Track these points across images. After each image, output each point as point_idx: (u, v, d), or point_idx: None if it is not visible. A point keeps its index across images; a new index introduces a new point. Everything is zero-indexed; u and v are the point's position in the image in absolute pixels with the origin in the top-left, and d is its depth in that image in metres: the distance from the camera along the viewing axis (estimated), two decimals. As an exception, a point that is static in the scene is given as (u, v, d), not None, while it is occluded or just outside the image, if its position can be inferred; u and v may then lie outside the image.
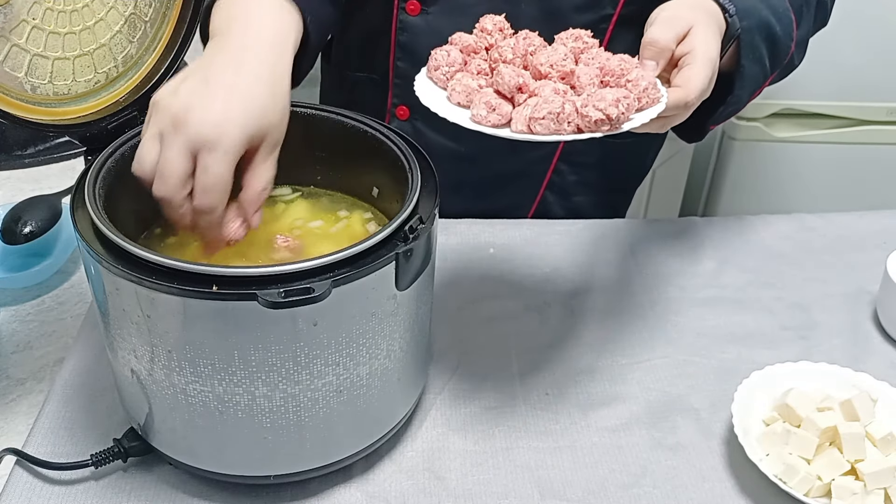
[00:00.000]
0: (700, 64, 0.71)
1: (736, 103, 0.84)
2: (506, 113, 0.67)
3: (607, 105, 0.63)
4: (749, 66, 0.81)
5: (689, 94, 0.70)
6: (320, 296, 0.59)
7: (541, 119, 0.64)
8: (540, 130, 0.65)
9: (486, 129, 0.66)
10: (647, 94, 0.67)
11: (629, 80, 0.67)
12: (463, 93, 0.69)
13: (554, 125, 0.64)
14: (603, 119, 0.64)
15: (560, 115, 0.64)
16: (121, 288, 0.63)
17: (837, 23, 1.05)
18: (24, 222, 0.84)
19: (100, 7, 0.73)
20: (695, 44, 0.72)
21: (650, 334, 0.91)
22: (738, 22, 0.78)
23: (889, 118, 1.76)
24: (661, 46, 0.71)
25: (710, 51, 0.72)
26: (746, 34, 0.80)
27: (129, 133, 0.74)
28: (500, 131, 0.66)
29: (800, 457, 0.73)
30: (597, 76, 0.68)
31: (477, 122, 0.67)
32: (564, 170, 1.10)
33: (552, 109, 0.64)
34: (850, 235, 1.07)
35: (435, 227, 0.68)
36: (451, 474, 0.75)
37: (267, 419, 0.66)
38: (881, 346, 0.91)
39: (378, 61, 1.05)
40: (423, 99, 0.69)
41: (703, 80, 0.71)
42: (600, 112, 0.63)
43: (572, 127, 0.65)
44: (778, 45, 0.86)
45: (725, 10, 0.78)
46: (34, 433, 0.77)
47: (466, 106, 0.69)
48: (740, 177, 1.85)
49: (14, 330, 0.90)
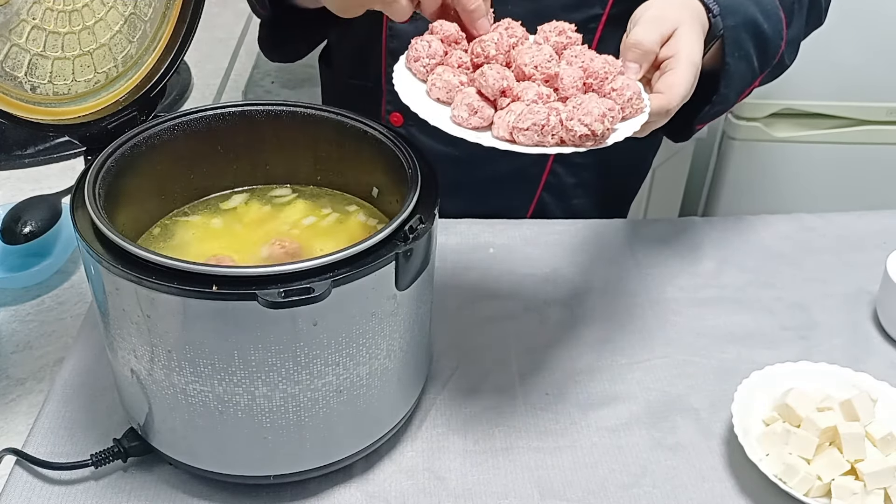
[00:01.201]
0: (683, 69, 0.70)
1: (723, 102, 0.83)
2: (487, 116, 0.66)
3: (593, 120, 0.63)
4: (734, 64, 0.81)
5: (671, 101, 0.69)
6: (320, 296, 0.59)
7: (524, 130, 0.63)
8: (523, 141, 0.64)
9: (468, 134, 0.66)
10: (630, 104, 0.67)
11: (614, 89, 0.67)
12: (443, 89, 0.68)
13: (538, 137, 0.63)
14: (588, 135, 0.63)
15: (545, 128, 0.63)
16: (120, 288, 0.63)
17: (837, 23, 1.06)
18: (24, 222, 0.84)
19: (99, 7, 0.73)
20: (679, 47, 0.71)
21: (650, 334, 0.91)
22: (721, 22, 0.77)
23: (889, 118, 1.76)
24: (645, 49, 0.70)
25: (693, 54, 0.71)
26: (732, 31, 0.79)
27: (129, 133, 0.75)
28: (482, 136, 0.66)
29: (800, 457, 0.73)
30: (580, 78, 0.67)
31: (458, 125, 0.66)
32: (560, 172, 1.10)
33: (537, 121, 0.63)
34: (850, 235, 1.07)
35: (435, 227, 0.68)
36: (451, 474, 0.75)
37: (267, 419, 0.66)
38: (881, 346, 0.91)
39: (371, 68, 1.05)
40: (403, 95, 0.68)
41: (686, 86, 0.70)
42: (585, 127, 0.63)
43: (556, 139, 0.64)
44: (767, 43, 0.85)
45: (709, 9, 0.77)
46: (34, 433, 0.77)
47: (446, 102, 0.68)
48: (740, 177, 1.85)
49: (14, 330, 0.90)
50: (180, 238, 0.78)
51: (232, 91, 1.44)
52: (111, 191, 0.70)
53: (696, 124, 0.85)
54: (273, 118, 0.80)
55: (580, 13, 0.96)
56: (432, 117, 0.67)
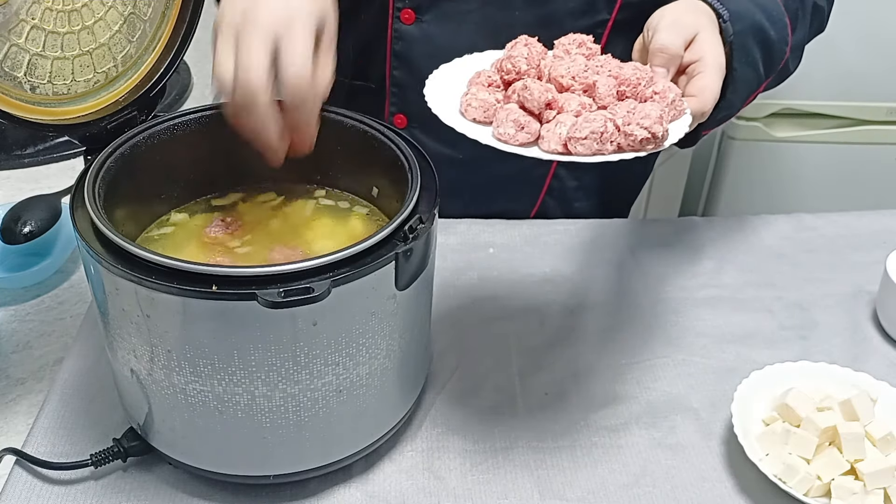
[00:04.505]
0: (712, 72, 0.70)
1: (729, 108, 0.83)
2: (534, 131, 0.65)
3: (652, 122, 0.62)
4: (741, 70, 0.81)
5: (706, 104, 0.69)
6: (320, 296, 0.59)
7: (583, 139, 0.62)
8: (581, 150, 0.63)
9: (515, 149, 0.64)
10: (674, 107, 0.66)
11: (656, 92, 0.66)
12: (480, 108, 0.67)
13: (597, 145, 0.62)
14: (648, 138, 0.62)
15: (603, 135, 0.62)
16: (120, 288, 0.63)
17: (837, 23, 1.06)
18: (24, 222, 0.84)
19: (99, 7, 0.73)
20: (704, 50, 0.71)
21: (650, 334, 0.91)
22: (731, 28, 0.78)
23: (889, 118, 1.77)
24: (671, 53, 0.70)
25: (718, 57, 0.72)
26: (739, 37, 0.79)
27: (129, 133, 0.75)
28: (529, 150, 0.64)
29: (799, 457, 0.73)
30: (614, 86, 0.67)
31: (504, 141, 0.65)
32: (564, 175, 1.10)
33: (595, 129, 0.62)
34: (850, 235, 1.07)
35: (435, 227, 0.68)
36: (451, 474, 0.75)
37: (266, 419, 0.66)
38: (881, 346, 0.91)
39: (374, 70, 1.05)
40: (442, 116, 0.67)
41: (716, 88, 0.70)
42: (646, 130, 0.62)
43: (614, 146, 0.63)
44: (772, 49, 0.85)
45: (720, 15, 0.77)
46: (34, 433, 0.77)
47: (483, 121, 0.67)
48: (740, 177, 1.85)
49: (14, 330, 0.90)
50: (180, 238, 0.78)
51: (232, 91, 1.44)
52: (111, 191, 0.70)
53: (703, 130, 0.85)
54: (273, 118, 0.80)
55: (587, 19, 0.96)
56: (477, 135, 0.65)
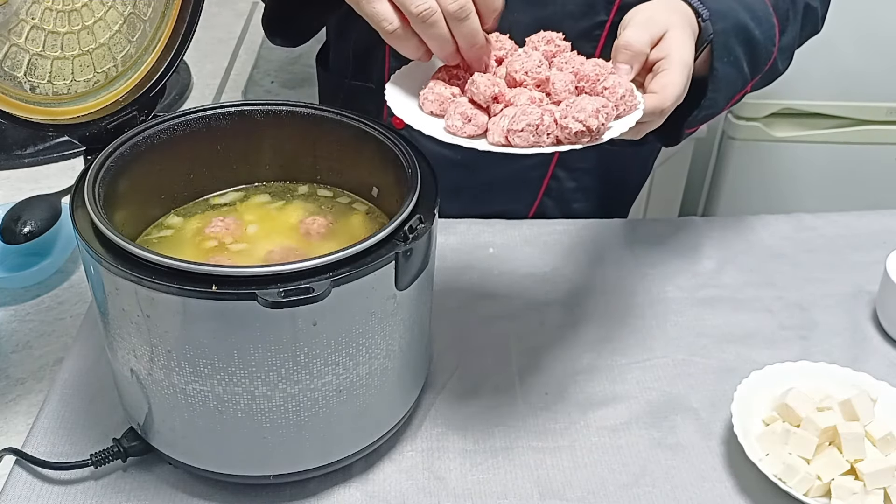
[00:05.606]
0: (676, 69, 0.70)
1: (711, 107, 0.83)
2: (482, 123, 0.66)
3: (587, 116, 0.63)
4: (723, 69, 0.81)
5: (665, 101, 0.69)
6: (320, 296, 0.59)
7: (519, 131, 0.63)
8: (518, 143, 0.64)
9: (463, 141, 0.66)
10: (624, 102, 0.66)
11: (606, 87, 0.66)
12: (436, 101, 0.68)
13: (533, 137, 0.63)
14: (583, 131, 0.63)
15: (539, 127, 0.63)
16: (120, 288, 0.63)
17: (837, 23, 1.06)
18: (24, 222, 0.84)
19: (99, 7, 0.73)
20: (671, 48, 0.71)
21: (650, 334, 0.91)
22: (710, 27, 0.78)
23: (889, 118, 1.77)
24: (635, 50, 0.70)
25: (685, 55, 0.71)
26: (720, 36, 0.79)
27: (129, 133, 0.74)
28: (477, 143, 0.66)
29: (799, 456, 0.73)
30: (571, 82, 0.67)
31: (452, 133, 0.66)
32: (562, 176, 1.10)
33: (531, 121, 0.63)
34: (850, 235, 1.07)
35: (435, 227, 0.68)
36: (451, 474, 0.75)
37: (266, 419, 0.66)
38: (881, 346, 0.91)
39: (373, 70, 1.05)
40: (395, 108, 0.68)
41: (679, 86, 0.70)
42: (580, 123, 0.63)
43: (551, 139, 0.64)
44: (757, 49, 0.85)
45: (699, 14, 0.77)
46: (34, 433, 0.77)
47: (439, 115, 0.68)
48: (740, 177, 1.85)
49: (14, 330, 0.90)
50: (180, 237, 0.78)
51: (231, 91, 1.44)
52: (111, 190, 0.70)
53: (686, 128, 0.85)
54: (273, 118, 0.80)
55: (585, 20, 0.96)
56: (426, 127, 0.67)
